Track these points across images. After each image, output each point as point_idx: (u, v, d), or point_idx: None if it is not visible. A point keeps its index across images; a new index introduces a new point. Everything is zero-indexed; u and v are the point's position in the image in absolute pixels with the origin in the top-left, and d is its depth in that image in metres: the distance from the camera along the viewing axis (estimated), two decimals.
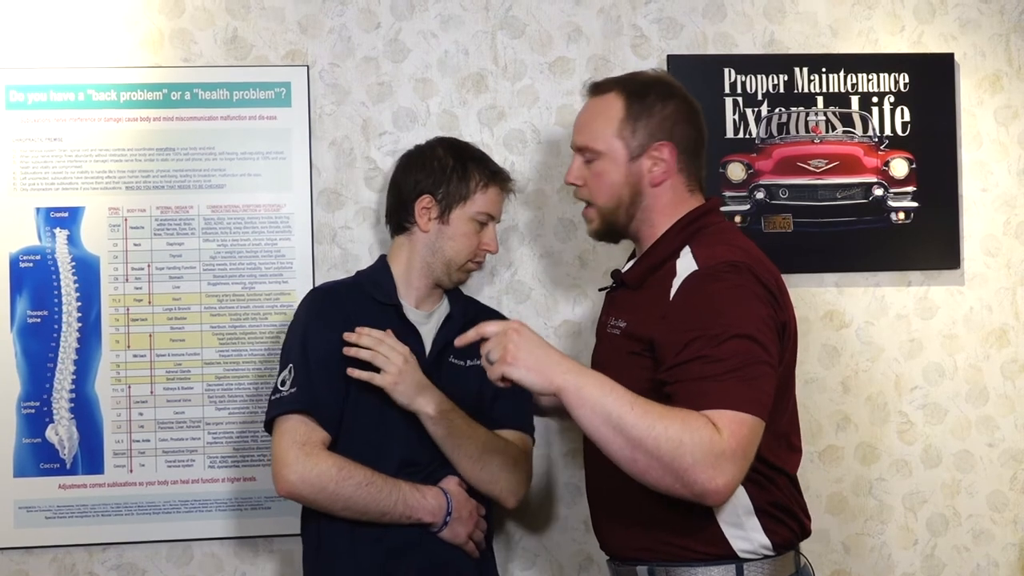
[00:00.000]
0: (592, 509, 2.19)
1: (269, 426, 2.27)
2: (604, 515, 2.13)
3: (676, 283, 1.97)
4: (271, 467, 2.23)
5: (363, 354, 2.23)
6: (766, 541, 1.98)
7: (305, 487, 2.18)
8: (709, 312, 1.89)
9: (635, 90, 2.10)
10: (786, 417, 2.03)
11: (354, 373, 2.23)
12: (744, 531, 1.97)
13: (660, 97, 2.09)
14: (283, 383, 2.25)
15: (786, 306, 2.00)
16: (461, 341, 1.95)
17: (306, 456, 2.19)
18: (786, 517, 2.01)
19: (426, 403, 2.24)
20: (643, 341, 1.97)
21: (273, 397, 2.26)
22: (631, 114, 2.08)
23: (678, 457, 1.76)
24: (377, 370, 2.23)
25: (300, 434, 2.21)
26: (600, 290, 2.32)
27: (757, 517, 1.97)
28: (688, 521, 1.97)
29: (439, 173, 2.35)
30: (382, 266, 2.40)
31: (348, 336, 2.24)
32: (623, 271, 2.17)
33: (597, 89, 2.16)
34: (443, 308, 2.41)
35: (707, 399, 1.81)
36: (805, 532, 2.07)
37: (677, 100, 2.10)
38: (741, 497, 1.96)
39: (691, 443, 1.76)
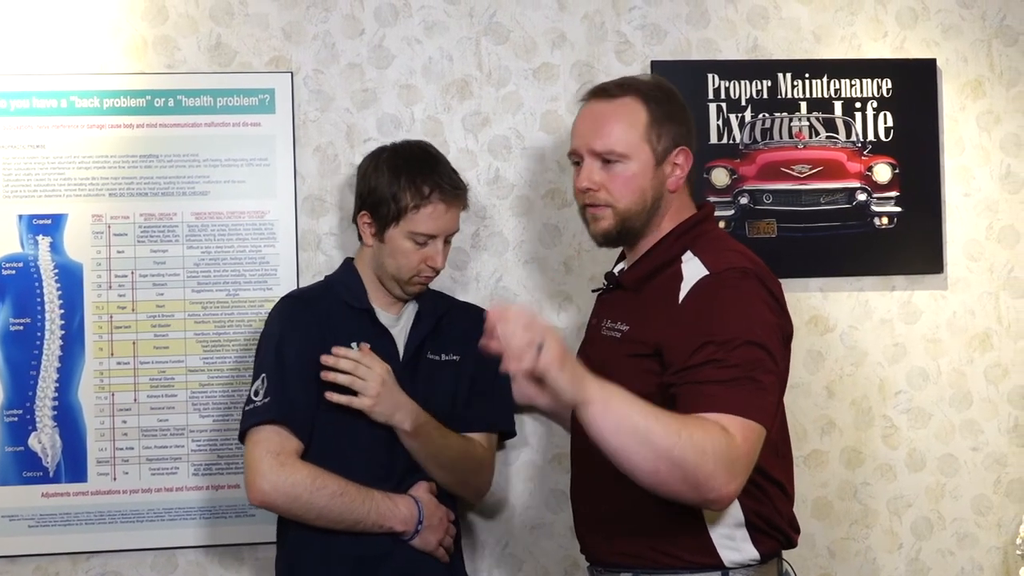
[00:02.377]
0: (576, 514, 2.18)
1: (243, 436, 2.27)
2: (589, 520, 2.13)
3: (685, 287, 1.97)
4: (244, 476, 2.23)
5: (341, 379, 2.22)
6: (755, 553, 1.99)
7: (279, 496, 2.19)
8: (721, 317, 1.90)
9: (655, 96, 2.08)
10: (777, 425, 2.03)
11: (333, 398, 2.23)
12: (735, 542, 1.98)
13: (679, 105, 2.11)
14: (256, 393, 2.25)
15: (788, 315, 2.02)
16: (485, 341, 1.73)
17: (280, 466, 2.19)
18: (775, 531, 2.02)
19: (403, 419, 2.24)
20: (648, 345, 1.97)
21: (247, 408, 2.26)
22: (656, 119, 2.06)
23: (701, 465, 1.76)
24: (356, 392, 2.22)
25: (274, 444, 2.21)
26: (593, 291, 2.32)
27: (748, 529, 1.98)
28: (679, 530, 1.97)
29: (372, 190, 2.30)
30: (350, 270, 2.39)
31: (326, 359, 2.23)
32: (618, 273, 2.17)
33: (605, 93, 2.10)
34: (411, 308, 2.40)
35: (716, 402, 1.82)
36: (792, 544, 2.08)
37: (687, 109, 2.13)
38: (734, 508, 1.96)
39: (712, 450, 1.77)
